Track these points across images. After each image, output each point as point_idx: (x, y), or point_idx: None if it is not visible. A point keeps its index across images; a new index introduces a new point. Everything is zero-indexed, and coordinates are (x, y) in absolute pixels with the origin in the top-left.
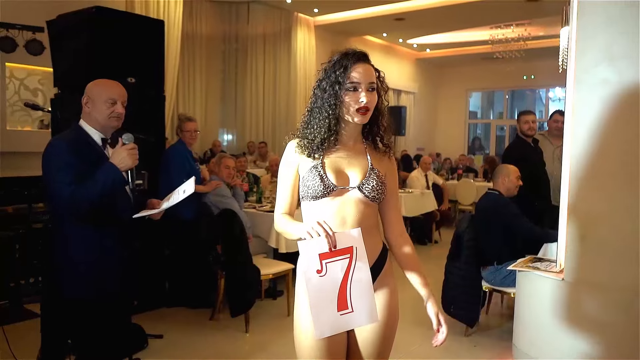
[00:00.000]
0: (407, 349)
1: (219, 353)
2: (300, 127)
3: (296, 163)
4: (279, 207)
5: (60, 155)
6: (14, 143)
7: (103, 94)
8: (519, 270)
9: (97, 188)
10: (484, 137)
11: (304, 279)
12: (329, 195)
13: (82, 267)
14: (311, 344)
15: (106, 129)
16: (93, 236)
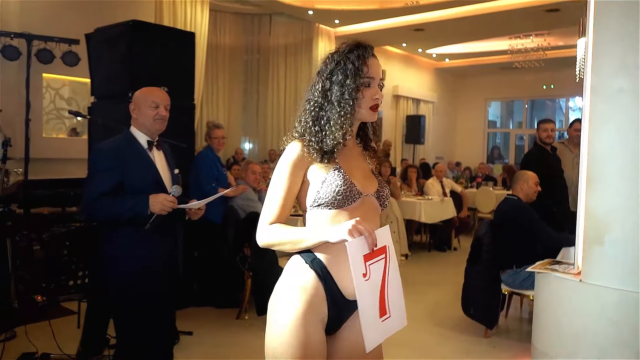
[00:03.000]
0: (427, 350)
1: (246, 349)
2: (303, 125)
3: (304, 166)
4: (269, 216)
5: (99, 159)
6: (49, 150)
7: (147, 99)
8: (537, 272)
9: (119, 210)
10: (503, 147)
11: (355, 284)
12: (354, 202)
13: (126, 260)
14: (309, 352)
15: (152, 132)
16: (137, 230)
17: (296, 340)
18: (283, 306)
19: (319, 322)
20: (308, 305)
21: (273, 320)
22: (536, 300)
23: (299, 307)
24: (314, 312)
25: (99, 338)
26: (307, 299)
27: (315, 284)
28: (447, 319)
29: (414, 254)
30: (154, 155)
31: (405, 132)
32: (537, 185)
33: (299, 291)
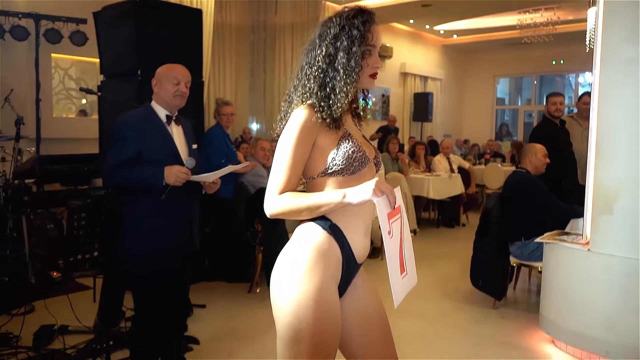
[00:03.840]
0: (437, 320)
1: (258, 321)
2: (308, 91)
3: (316, 133)
4: (278, 185)
5: (119, 129)
6: (60, 129)
7: (169, 75)
8: (546, 243)
9: (135, 179)
10: (511, 124)
11: (384, 243)
12: (364, 168)
13: (146, 226)
14: (331, 326)
15: (171, 107)
16: (157, 199)
17: (322, 308)
18: (300, 269)
19: (335, 285)
20: (330, 272)
21: (288, 286)
22: (544, 270)
23: (323, 274)
24: (333, 278)
25: (115, 310)
26: (330, 266)
27: (335, 250)
28: (457, 291)
29: (422, 230)
30: (172, 129)
31: (412, 109)
32: (545, 157)
33: (321, 258)
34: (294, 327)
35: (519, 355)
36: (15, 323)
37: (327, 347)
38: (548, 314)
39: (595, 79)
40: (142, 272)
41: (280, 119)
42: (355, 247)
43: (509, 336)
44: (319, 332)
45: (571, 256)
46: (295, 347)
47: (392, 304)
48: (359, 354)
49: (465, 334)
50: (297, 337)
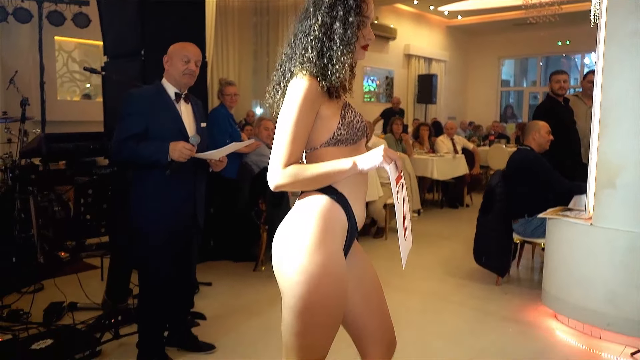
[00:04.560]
0: (440, 297)
1: (264, 298)
2: (307, 61)
3: (319, 103)
4: (284, 157)
5: (129, 104)
6: (64, 112)
7: (180, 53)
8: (549, 218)
9: (141, 154)
10: (516, 106)
11: (395, 208)
12: (363, 137)
13: (151, 202)
14: (342, 295)
15: (180, 85)
16: (164, 176)
17: (334, 277)
18: (310, 239)
19: (344, 256)
20: (339, 240)
21: (297, 257)
22: (547, 246)
23: (333, 243)
24: (341, 246)
25: (123, 288)
26: (338, 234)
27: (343, 218)
28: (460, 269)
29: (426, 210)
30: (180, 107)
31: (417, 91)
32: (549, 134)
33: (331, 227)
34: (305, 297)
35: (521, 329)
36: (25, 301)
37: (337, 315)
38: (550, 289)
39: (599, 53)
40: (147, 249)
41: (274, 89)
42: (357, 215)
43: (512, 311)
44: (330, 301)
45: (574, 231)
46: (307, 318)
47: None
48: (362, 325)
49: (468, 310)
50: (308, 308)
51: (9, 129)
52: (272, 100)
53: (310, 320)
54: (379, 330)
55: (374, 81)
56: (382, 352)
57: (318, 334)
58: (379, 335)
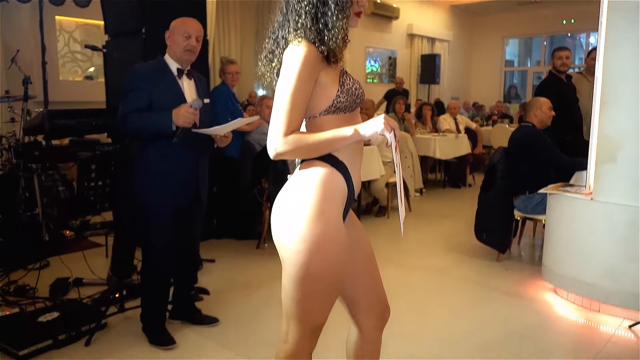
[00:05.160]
0: (440, 272)
1: (267, 274)
2: (300, 27)
3: (319, 70)
4: (285, 125)
5: (132, 79)
6: (66, 93)
7: (181, 29)
8: (549, 194)
9: (146, 124)
10: (520, 86)
11: (396, 174)
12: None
13: (154, 177)
14: (342, 262)
15: (182, 61)
16: (167, 151)
17: (336, 245)
18: (311, 207)
19: (343, 223)
20: (340, 208)
21: (298, 225)
22: (548, 221)
23: (334, 211)
24: (341, 213)
25: (127, 264)
26: (338, 202)
27: (343, 186)
28: (461, 246)
29: (428, 190)
30: (183, 83)
31: (420, 71)
32: (550, 110)
33: (332, 195)
34: (305, 265)
35: (520, 303)
36: (31, 277)
37: (337, 282)
38: (550, 264)
39: (601, 28)
40: (150, 225)
41: (266, 57)
42: (355, 182)
43: (512, 286)
44: (331, 269)
45: (574, 206)
46: (307, 286)
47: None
48: (354, 293)
49: (468, 285)
50: (309, 276)
51: (12, 107)
52: (264, 69)
53: (310, 287)
54: (371, 300)
55: (377, 61)
56: (374, 320)
57: (318, 301)
58: (370, 304)
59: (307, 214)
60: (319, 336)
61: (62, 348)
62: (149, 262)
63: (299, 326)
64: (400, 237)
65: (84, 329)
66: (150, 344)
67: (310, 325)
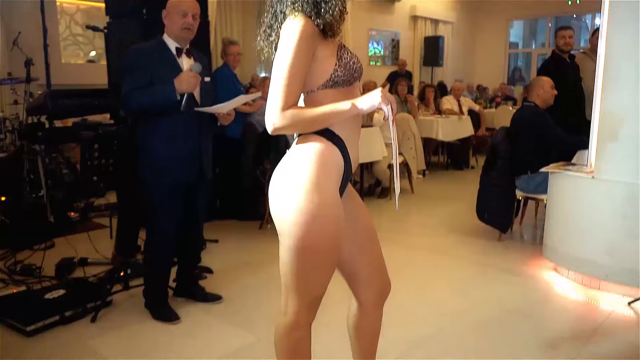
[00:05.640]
0: (441, 252)
1: (269, 254)
2: (295, 0)
3: (316, 44)
4: (283, 99)
5: (132, 59)
6: (69, 76)
7: (177, 8)
8: (551, 172)
9: (149, 98)
10: (524, 68)
11: (393, 147)
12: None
13: (159, 154)
14: (338, 235)
15: (180, 39)
16: (171, 130)
17: (332, 218)
18: (306, 181)
19: (340, 197)
20: (336, 182)
21: (294, 198)
22: (549, 199)
23: (330, 184)
24: (337, 187)
25: (131, 244)
26: (335, 176)
27: (339, 161)
28: (462, 227)
29: (431, 172)
30: (182, 61)
31: (423, 54)
32: (553, 89)
33: (329, 169)
34: (302, 238)
35: (521, 281)
36: (37, 257)
37: (333, 255)
38: (551, 242)
39: (605, 4)
40: (154, 203)
41: (265, 32)
42: (352, 156)
43: (513, 265)
44: (327, 241)
45: (576, 184)
46: (304, 257)
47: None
48: (354, 267)
49: (469, 264)
50: (306, 248)
51: (15, 90)
52: (263, 43)
53: (307, 259)
54: (370, 275)
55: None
56: (374, 295)
57: (315, 273)
58: (370, 279)
59: (303, 187)
60: (317, 308)
61: (69, 324)
62: (153, 238)
63: (297, 298)
64: (403, 219)
65: (90, 306)
66: (155, 319)
67: (308, 297)
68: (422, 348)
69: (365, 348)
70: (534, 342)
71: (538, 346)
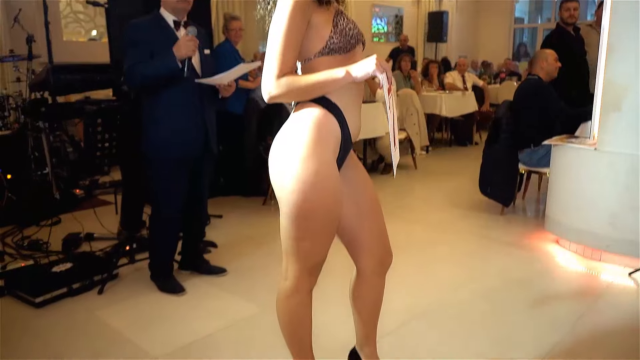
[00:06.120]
0: (443, 226)
1: (273, 228)
2: None
3: (310, 12)
4: (278, 67)
5: (131, 33)
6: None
7: None
8: (554, 145)
9: (152, 70)
10: (530, 44)
11: (387, 115)
12: (357, 47)
13: (163, 126)
14: (334, 203)
15: (177, 12)
16: (174, 103)
17: (327, 185)
18: (303, 148)
19: (335, 163)
20: (332, 150)
21: (290, 165)
22: (552, 172)
23: (326, 152)
24: (333, 154)
25: (136, 220)
26: (331, 143)
27: (336, 128)
28: (465, 201)
29: (434, 149)
30: (181, 34)
31: (427, 30)
32: (556, 61)
33: (324, 136)
34: (299, 204)
35: (522, 254)
36: (43, 233)
37: (330, 222)
38: (553, 214)
39: None
40: (159, 177)
41: (265, 1)
42: (351, 125)
43: (514, 238)
44: (323, 208)
45: (578, 156)
46: (302, 224)
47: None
48: (353, 235)
49: (471, 237)
50: (303, 215)
51: (17, 67)
52: (262, 12)
53: (304, 225)
54: (370, 243)
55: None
56: (373, 263)
57: (312, 239)
58: (370, 247)
59: (299, 154)
60: (317, 274)
61: (76, 296)
62: (159, 214)
63: (296, 263)
64: (405, 194)
65: (97, 279)
66: (160, 291)
67: (306, 262)
68: (423, 317)
69: (365, 316)
70: (534, 310)
71: (538, 314)
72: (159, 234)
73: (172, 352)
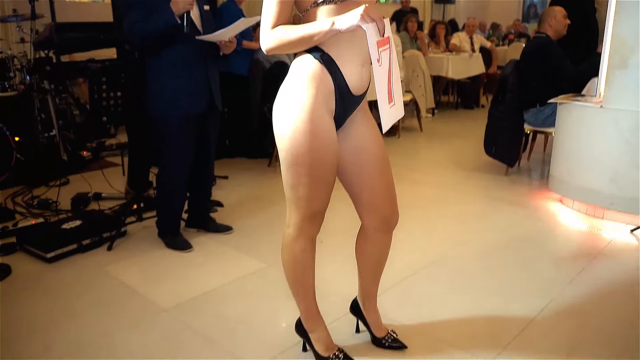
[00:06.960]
0: (447, 187)
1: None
2: None
3: None
4: (272, 18)
5: None
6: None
7: None
8: (559, 103)
9: (151, 27)
10: (540, 5)
11: (373, 68)
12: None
13: (167, 83)
14: (326, 152)
15: None
16: (176, 61)
17: (316, 132)
18: (294, 97)
19: (328, 113)
20: (321, 97)
21: (284, 114)
22: (557, 130)
23: (313, 98)
24: (324, 103)
25: (143, 180)
26: (320, 91)
27: (326, 78)
28: (470, 162)
29: (441, 111)
30: None
31: None
32: (565, 18)
33: (311, 84)
34: (292, 152)
35: (525, 212)
36: (52, 193)
37: (324, 170)
38: (558, 174)
39: None
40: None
41: None
42: (349, 78)
43: (518, 197)
44: (315, 155)
45: (584, 114)
46: (296, 171)
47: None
48: (357, 190)
49: (475, 197)
50: (296, 162)
51: (21, 27)
52: None
53: (298, 171)
54: (376, 200)
55: None
56: (376, 220)
57: (309, 186)
58: (374, 204)
59: (290, 103)
60: (319, 222)
61: (86, 252)
62: (167, 173)
63: (297, 210)
64: (411, 155)
65: (106, 236)
66: (168, 248)
67: (306, 210)
68: (425, 273)
69: (368, 271)
70: (536, 264)
71: (540, 268)
72: (167, 192)
73: (181, 303)
